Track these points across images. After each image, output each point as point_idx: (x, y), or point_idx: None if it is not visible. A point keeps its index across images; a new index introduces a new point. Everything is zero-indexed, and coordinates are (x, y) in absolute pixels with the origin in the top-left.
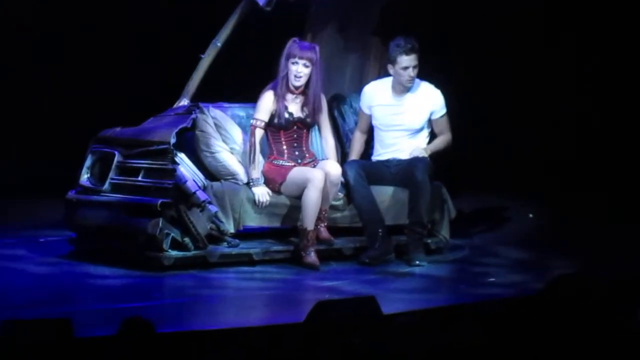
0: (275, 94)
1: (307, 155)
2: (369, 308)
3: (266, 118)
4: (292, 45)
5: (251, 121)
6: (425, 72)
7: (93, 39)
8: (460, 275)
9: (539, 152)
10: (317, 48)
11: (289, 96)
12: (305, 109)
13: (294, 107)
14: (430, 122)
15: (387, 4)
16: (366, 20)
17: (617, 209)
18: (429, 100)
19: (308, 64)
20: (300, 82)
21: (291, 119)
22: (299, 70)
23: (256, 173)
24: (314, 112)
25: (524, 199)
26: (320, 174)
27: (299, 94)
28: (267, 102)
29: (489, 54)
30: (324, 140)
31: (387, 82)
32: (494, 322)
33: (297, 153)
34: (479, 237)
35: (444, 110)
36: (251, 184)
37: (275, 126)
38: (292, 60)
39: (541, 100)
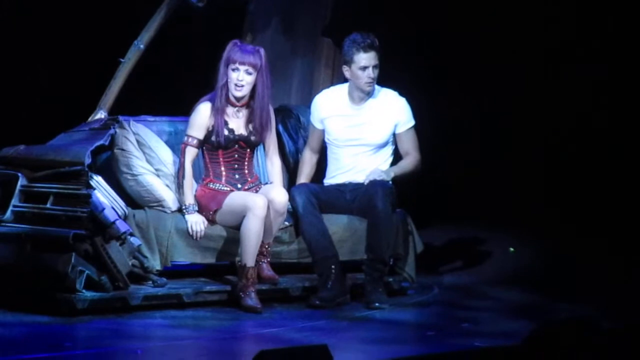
0: (213, 107)
1: (249, 179)
2: (321, 359)
3: (201, 135)
4: (232, 48)
5: (184, 138)
6: (386, 79)
7: None
8: (428, 320)
9: (519, 177)
10: (263, 52)
11: (230, 110)
12: (250, 125)
13: (236, 122)
14: (394, 137)
15: None
16: (315, 17)
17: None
18: (392, 109)
19: (251, 70)
20: (242, 92)
21: (232, 136)
22: (240, 77)
23: (189, 198)
24: (261, 130)
25: (503, 231)
26: (262, 200)
27: (242, 106)
28: (202, 116)
29: (465, 59)
30: (269, 161)
31: (342, 89)
32: None
33: (237, 176)
34: (451, 275)
35: (411, 123)
36: (184, 210)
37: (213, 145)
38: (232, 66)
39: (528, 114)
